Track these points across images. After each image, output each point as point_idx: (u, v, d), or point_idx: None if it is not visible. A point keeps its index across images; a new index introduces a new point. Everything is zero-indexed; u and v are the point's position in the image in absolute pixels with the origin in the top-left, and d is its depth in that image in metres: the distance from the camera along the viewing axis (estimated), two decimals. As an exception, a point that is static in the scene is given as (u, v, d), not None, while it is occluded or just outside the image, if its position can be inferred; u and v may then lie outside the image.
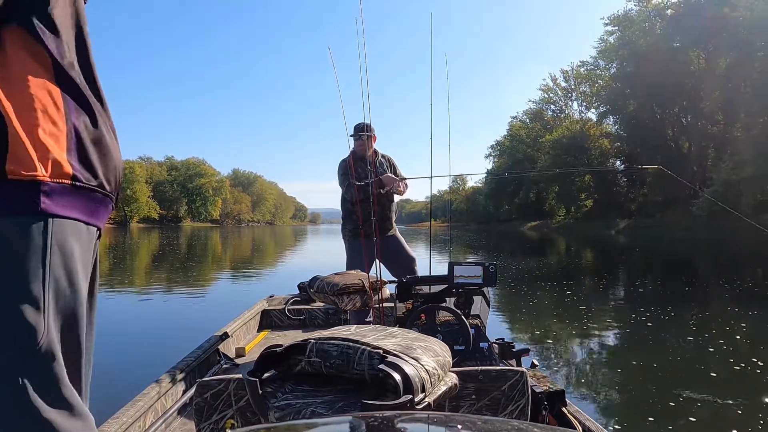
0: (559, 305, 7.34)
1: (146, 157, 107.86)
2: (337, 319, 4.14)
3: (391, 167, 4.01)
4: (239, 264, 16.19)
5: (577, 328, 5.69)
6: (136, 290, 9.43)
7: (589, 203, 54.88)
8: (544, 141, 58.78)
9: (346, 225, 3.84)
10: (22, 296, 0.91)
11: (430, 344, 1.23)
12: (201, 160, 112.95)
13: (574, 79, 61.81)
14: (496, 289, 2.41)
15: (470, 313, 2.72)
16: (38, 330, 0.91)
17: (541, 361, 2.36)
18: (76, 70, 1.04)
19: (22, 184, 0.93)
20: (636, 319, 6.14)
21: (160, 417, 2.15)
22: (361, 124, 3.81)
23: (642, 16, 43.54)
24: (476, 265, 2.65)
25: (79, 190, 1.00)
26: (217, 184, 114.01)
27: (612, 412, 3.16)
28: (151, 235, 42.03)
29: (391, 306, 3.22)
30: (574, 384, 3.57)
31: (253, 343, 3.63)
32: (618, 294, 8.46)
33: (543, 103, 68.33)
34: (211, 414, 1.39)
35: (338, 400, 1.09)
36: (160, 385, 2.29)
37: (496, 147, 75.72)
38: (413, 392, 1.01)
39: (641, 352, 4.66)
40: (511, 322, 5.73)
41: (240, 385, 1.36)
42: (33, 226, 0.94)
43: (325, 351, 1.15)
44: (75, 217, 0.99)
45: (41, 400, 0.90)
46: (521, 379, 1.49)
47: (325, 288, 2.89)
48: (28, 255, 0.93)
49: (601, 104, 51.00)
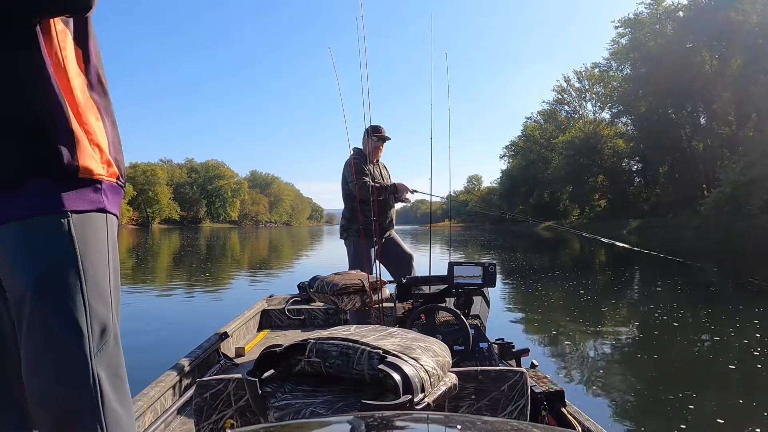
0: (560, 305, 7.39)
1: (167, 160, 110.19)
2: (336, 319, 4.10)
3: (388, 175, 4.06)
4: (255, 264, 16.21)
5: (577, 328, 5.72)
6: (139, 289, 9.44)
7: (603, 203, 55.02)
8: (556, 142, 59.04)
9: (351, 225, 3.73)
10: (96, 294, 0.97)
11: (429, 344, 1.23)
12: (220, 162, 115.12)
13: (587, 80, 61.88)
14: (497, 288, 2.62)
15: (470, 313, 2.72)
16: (108, 324, 0.98)
17: (541, 361, 2.43)
18: (97, 63, 1.08)
19: (88, 182, 0.98)
20: (637, 319, 6.18)
21: (160, 416, 2.14)
22: (380, 126, 3.83)
23: (653, 19, 43.71)
24: (476, 266, 2.64)
25: (118, 187, 1.08)
26: (236, 185, 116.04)
27: (612, 412, 3.11)
28: (171, 236, 42.86)
29: (391, 306, 3.21)
30: (574, 384, 3.52)
31: (252, 342, 3.62)
32: (620, 294, 8.33)
33: (557, 103, 68.47)
34: (211, 414, 1.39)
35: (338, 400, 1.08)
36: (160, 384, 2.27)
37: (511, 148, 76.03)
38: (413, 392, 1.01)
39: (642, 353, 4.66)
40: (510, 322, 5.70)
41: (239, 385, 1.37)
42: (99, 225, 1.00)
43: (324, 351, 1.15)
44: (116, 213, 1.07)
45: (110, 391, 0.96)
46: (521, 379, 1.49)
47: (325, 288, 2.89)
48: (97, 253, 0.98)
49: (614, 105, 51.16)
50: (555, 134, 62.89)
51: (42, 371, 0.93)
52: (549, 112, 69.54)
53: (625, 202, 50.21)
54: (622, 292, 8.32)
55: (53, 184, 0.94)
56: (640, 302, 7.44)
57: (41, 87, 0.93)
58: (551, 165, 58.68)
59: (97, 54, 1.07)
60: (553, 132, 64.76)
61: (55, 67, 0.96)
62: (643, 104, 45.69)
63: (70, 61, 0.99)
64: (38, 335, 0.93)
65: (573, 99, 66.61)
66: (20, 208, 0.93)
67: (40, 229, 0.94)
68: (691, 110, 43.84)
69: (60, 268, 0.93)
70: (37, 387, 0.93)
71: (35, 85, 0.93)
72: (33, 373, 0.93)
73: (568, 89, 66.59)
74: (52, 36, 0.97)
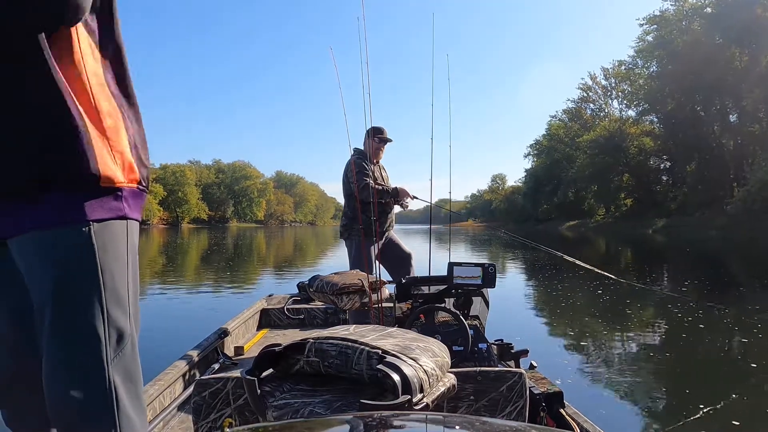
0: (561, 305, 7.42)
1: (195, 161, 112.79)
2: (336, 319, 4.09)
3: (387, 176, 4.10)
4: (281, 262, 16.31)
5: (577, 328, 5.74)
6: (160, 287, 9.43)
7: (629, 202, 54.35)
8: (581, 141, 58.54)
9: (353, 225, 3.73)
10: (115, 302, 0.98)
11: (428, 345, 1.23)
12: (246, 163, 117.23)
13: (614, 77, 61.13)
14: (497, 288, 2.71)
15: (469, 313, 2.72)
16: (126, 333, 0.99)
17: (540, 363, 2.42)
18: (124, 67, 1.07)
19: (109, 190, 0.98)
20: (638, 319, 6.17)
21: (158, 415, 2.14)
22: (382, 128, 3.88)
23: (679, 15, 43.08)
24: (476, 266, 2.64)
25: (140, 192, 1.07)
26: (262, 185, 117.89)
27: (611, 414, 3.11)
28: (200, 235, 43.69)
29: (390, 306, 3.21)
30: (573, 385, 3.53)
31: (252, 342, 3.62)
32: (624, 294, 8.20)
33: (582, 101, 67.78)
34: (209, 413, 1.39)
35: (336, 400, 1.09)
36: (158, 382, 2.27)
37: (535, 147, 75.55)
38: (411, 393, 1.02)
39: (642, 353, 4.67)
40: (510, 323, 5.69)
41: (238, 384, 1.37)
42: (119, 232, 1.00)
43: (323, 351, 1.16)
44: (137, 218, 1.06)
45: (125, 397, 0.98)
46: (519, 380, 1.49)
47: (325, 288, 2.89)
48: (117, 260, 0.99)
49: (641, 103, 50.51)
50: (580, 133, 62.30)
51: (60, 376, 0.95)
52: (574, 111, 68.88)
53: (651, 201, 49.54)
54: (628, 292, 8.27)
55: (73, 193, 0.95)
56: (644, 302, 7.43)
57: (52, 96, 0.93)
58: (576, 164, 58.24)
59: (121, 54, 1.06)
60: (578, 131, 64.16)
61: (69, 74, 0.96)
62: (670, 102, 45.02)
63: (89, 64, 0.99)
64: (57, 342, 0.95)
65: (599, 97, 65.89)
66: (41, 218, 0.95)
67: (61, 239, 0.95)
68: (720, 107, 43.01)
69: (80, 277, 0.96)
70: (54, 392, 0.96)
71: (44, 94, 0.93)
72: (51, 378, 0.96)
73: (593, 87, 65.91)
74: (65, 42, 0.97)
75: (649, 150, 51.46)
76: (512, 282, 10.08)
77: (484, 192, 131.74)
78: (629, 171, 52.99)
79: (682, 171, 46.96)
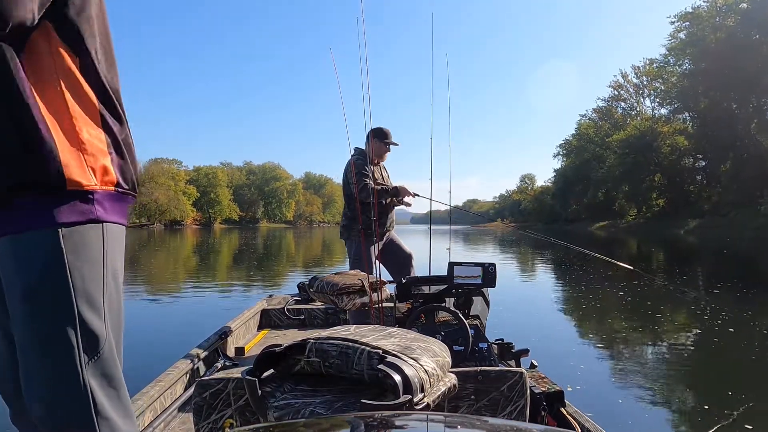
0: (562, 304, 7.43)
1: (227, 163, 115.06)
2: (336, 319, 4.08)
3: (388, 175, 4.09)
4: (309, 262, 16.30)
5: (579, 328, 5.73)
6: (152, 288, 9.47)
7: (661, 203, 53.25)
8: (611, 140, 57.64)
9: (353, 225, 3.72)
10: (88, 305, 0.98)
11: (429, 344, 1.24)
12: (276, 165, 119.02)
13: (645, 75, 59.94)
14: (497, 289, 2.67)
15: (470, 313, 2.72)
16: (101, 336, 0.99)
17: (540, 362, 2.37)
18: (105, 72, 1.06)
19: (78, 194, 0.98)
20: (641, 319, 6.14)
21: (159, 416, 2.14)
22: (388, 131, 3.88)
23: (711, 12, 42.11)
24: (476, 266, 2.64)
25: (120, 195, 1.07)
26: (291, 187, 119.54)
27: (611, 413, 3.12)
28: (231, 235, 44.57)
29: (390, 306, 3.22)
30: (574, 385, 3.53)
31: (252, 342, 3.61)
32: (626, 294, 8.14)
33: (612, 100, 66.68)
34: (210, 413, 1.39)
35: (337, 400, 1.09)
36: (159, 383, 2.27)
37: (564, 146, 74.65)
38: (412, 393, 1.02)
39: (643, 354, 4.66)
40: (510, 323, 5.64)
41: (239, 385, 1.36)
42: (92, 236, 1.00)
43: (324, 351, 1.16)
44: (118, 221, 1.06)
45: (104, 401, 0.98)
46: (520, 379, 1.49)
47: (325, 288, 2.89)
48: (90, 264, 0.99)
49: (673, 101, 49.48)
50: (610, 132, 61.35)
51: (34, 382, 0.96)
52: (604, 109, 67.81)
53: (684, 201, 48.47)
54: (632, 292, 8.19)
55: (42, 198, 0.96)
56: (646, 302, 7.33)
57: (16, 100, 0.93)
58: (606, 164, 57.38)
59: (101, 58, 1.05)
60: (608, 130, 63.17)
61: (38, 77, 0.96)
62: (704, 100, 44.00)
63: (60, 66, 0.99)
64: (29, 347, 0.96)
65: (630, 95, 64.71)
66: (13, 222, 0.96)
67: (29, 243, 0.96)
68: (756, 105, 41.80)
69: (49, 281, 0.95)
70: (30, 398, 0.96)
71: (8, 102, 0.93)
72: (27, 384, 0.96)
73: (625, 85, 64.78)
74: (36, 44, 0.97)
75: (682, 149, 50.34)
76: (515, 282, 10.04)
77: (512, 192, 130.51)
78: (661, 170, 51.95)
79: (716, 170, 45.80)
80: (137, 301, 7.72)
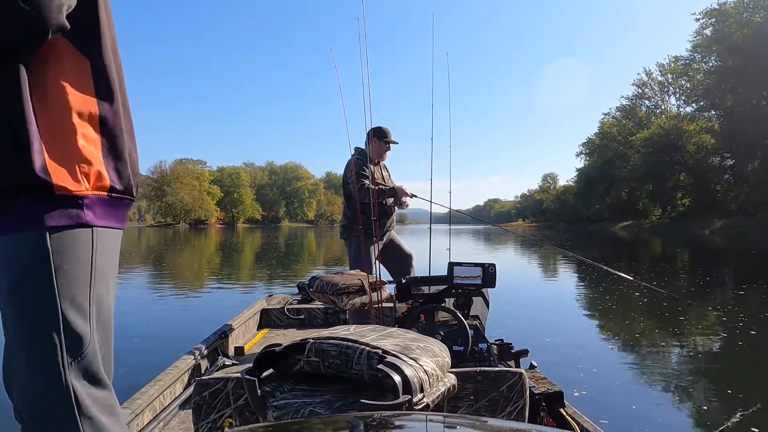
0: (563, 304, 7.39)
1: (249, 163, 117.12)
2: (336, 319, 4.07)
3: (388, 175, 4.08)
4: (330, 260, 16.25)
5: (578, 328, 5.73)
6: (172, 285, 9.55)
7: (686, 202, 52.29)
8: (634, 139, 56.78)
9: (352, 225, 3.72)
10: (73, 307, 0.98)
11: (428, 345, 1.24)
12: (298, 164, 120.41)
13: (670, 73, 58.87)
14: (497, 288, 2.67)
15: (469, 313, 2.72)
16: (85, 338, 0.99)
17: (540, 362, 2.37)
18: (109, 72, 1.06)
19: (66, 199, 0.98)
20: (641, 319, 6.14)
21: (158, 415, 2.14)
22: (388, 130, 3.87)
23: (738, 9, 41.25)
24: (476, 266, 2.64)
25: (114, 199, 1.06)
26: (312, 186, 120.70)
27: (611, 413, 3.09)
28: (254, 234, 45.20)
29: (390, 306, 3.22)
30: (573, 385, 3.51)
31: (252, 342, 3.61)
32: (628, 293, 8.04)
33: (636, 98, 65.62)
34: (210, 413, 1.39)
35: (337, 400, 1.10)
36: (159, 383, 2.26)
37: (587, 145, 73.75)
38: (412, 393, 1.03)
39: (643, 354, 4.65)
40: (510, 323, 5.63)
41: (239, 384, 1.36)
42: (80, 239, 1.00)
43: (323, 351, 1.16)
44: (110, 226, 1.06)
45: (88, 401, 0.98)
46: (519, 380, 1.49)
47: (325, 288, 2.88)
48: (77, 267, 0.99)
49: (699, 99, 48.55)
50: (634, 131, 60.42)
51: (20, 380, 0.98)
52: (628, 108, 66.79)
53: (710, 201, 47.47)
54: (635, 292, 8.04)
55: (31, 202, 0.97)
56: (647, 304, 7.26)
57: (11, 104, 0.94)
58: (629, 163, 56.56)
59: (106, 59, 1.05)
60: (632, 128, 62.22)
61: (35, 80, 0.97)
62: (730, 98, 43.08)
63: (60, 69, 0.99)
64: (15, 345, 0.98)
65: (654, 93, 63.62)
66: (6, 224, 0.98)
67: (16, 245, 0.98)
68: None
69: (33, 282, 0.97)
70: (16, 395, 0.99)
71: (3, 102, 0.94)
72: (13, 382, 0.99)
73: (649, 83, 63.70)
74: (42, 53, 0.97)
75: (708, 147, 49.35)
76: (516, 282, 10.01)
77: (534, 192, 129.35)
78: (686, 169, 51.00)
79: (744, 169, 44.79)
80: (143, 299, 7.69)
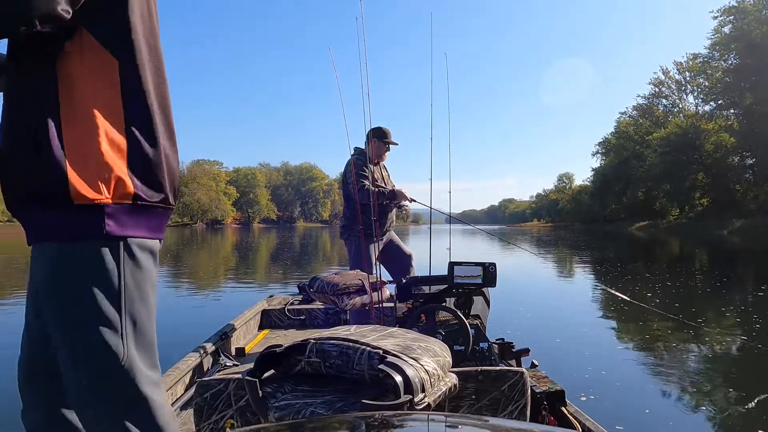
0: (563, 304, 7.41)
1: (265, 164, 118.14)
2: (337, 320, 4.06)
3: (388, 175, 4.09)
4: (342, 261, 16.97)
5: (579, 327, 5.75)
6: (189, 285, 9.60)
7: (704, 202, 51.57)
8: (651, 138, 56.13)
9: (352, 225, 3.73)
10: (102, 320, 0.96)
11: (429, 344, 1.24)
12: (312, 165, 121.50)
13: (688, 71, 58.06)
14: (498, 288, 2.67)
15: (470, 313, 2.71)
16: (119, 351, 0.97)
17: (541, 361, 2.36)
18: (141, 72, 1.01)
19: (87, 208, 0.95)
20: (643, 320, 6.14)
21: None
22: (387, 131, 3.86)
23: (757, 6, 40.63)
24: (476, 266, 2.63)
25: (142, 207, 1.01)
26: (327, 186, 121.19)
27: (613, 412, 3.09)
28: (270, 234, 45.85)
29: (391, 306, 3.21)
30: (575, 384, 3.50)
31: (253, 342, 3.60)
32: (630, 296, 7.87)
33: (653, 97, 64.82)
34: (211, 414, 1.38)
35: (338, 401, 1.10)
36: None
37: (603, 145, 73.04)
38: (413, 392, 1.03)
39: (644, 354, 4.64)
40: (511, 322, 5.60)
41: (240, 385, 1.35)
42: (103, 250, 0.96)
43: (324, 351, 1.17)
44: (141, 235, 1.02)
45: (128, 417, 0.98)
46: (521, 379, 1.49)
47: (325, 288, 2.88)
48: (103, 279, 0.96)
49: (717, 97, 47.86)
50: (651, 130, 59.71)
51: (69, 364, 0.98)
52: (645, 107, 66.02)
53: (728, 201, 46.72)
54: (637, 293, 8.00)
55: (54, 211, 0.95)
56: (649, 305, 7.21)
57: (45, 109, 0.93)
58: (646, 162, 55.93)
59: (142, 61, 1.01)
60: (648, 127, 61.48)
61: (61, 82, 0.94)
62: (749, 96, 42.44)
63: (89, 71, 0.96)
64: (61, 350, 0.98)
65: (672, 92, 62.80)
66: (38, 232, 0.99)
67: (43, 254, 0.99)
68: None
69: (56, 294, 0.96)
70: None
71: (39, 108, 0.93)
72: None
73: (666, 81, 62.89)
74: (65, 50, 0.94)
75: (728, 146, 48.62)
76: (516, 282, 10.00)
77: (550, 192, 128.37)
78: (704, 169, 50.28)
79: (764, 168, 44.07)
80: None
